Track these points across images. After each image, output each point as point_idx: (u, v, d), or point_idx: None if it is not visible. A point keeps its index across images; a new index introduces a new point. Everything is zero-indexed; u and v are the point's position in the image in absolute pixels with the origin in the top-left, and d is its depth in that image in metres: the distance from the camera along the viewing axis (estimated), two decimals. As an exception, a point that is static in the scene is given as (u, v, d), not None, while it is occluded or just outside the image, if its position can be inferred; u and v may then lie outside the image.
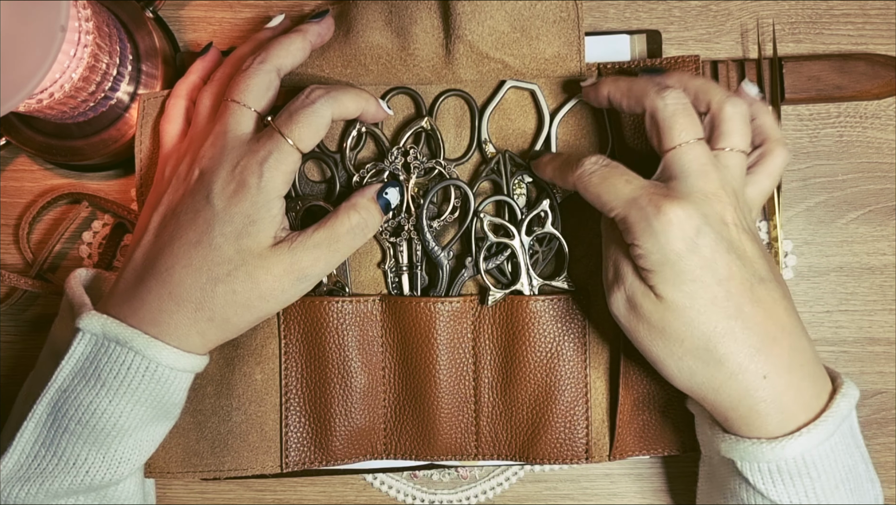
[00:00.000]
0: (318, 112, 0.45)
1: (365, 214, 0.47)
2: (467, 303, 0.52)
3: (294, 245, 0.45)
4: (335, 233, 0.46)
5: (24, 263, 0.56)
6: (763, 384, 0.42)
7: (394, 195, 0.49)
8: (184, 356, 0.45)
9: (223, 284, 0.44)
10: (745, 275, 0.42)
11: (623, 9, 0.56)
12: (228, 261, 0.44)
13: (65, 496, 0.44)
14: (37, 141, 0.53)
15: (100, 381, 0.44)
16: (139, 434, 0.45)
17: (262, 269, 0.44)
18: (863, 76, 0.54)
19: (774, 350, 0.42)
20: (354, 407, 0.52)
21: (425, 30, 0.50)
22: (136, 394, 0.44)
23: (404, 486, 0.57)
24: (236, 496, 0.56)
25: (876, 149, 0.56)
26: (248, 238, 0.44)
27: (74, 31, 0.45)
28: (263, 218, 0.44)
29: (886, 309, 0.56)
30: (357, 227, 0.47)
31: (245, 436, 0.52)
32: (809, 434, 0.42)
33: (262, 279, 0.44)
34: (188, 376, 0.46)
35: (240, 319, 0.45)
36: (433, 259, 0.52)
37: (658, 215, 0.41)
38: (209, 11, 0.56)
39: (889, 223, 0.56)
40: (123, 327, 0.44)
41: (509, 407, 0.52)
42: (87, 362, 0.44)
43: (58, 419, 0.44)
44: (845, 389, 0.44)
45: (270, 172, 0.44)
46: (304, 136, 0.45)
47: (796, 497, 0.43)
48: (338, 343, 0.52)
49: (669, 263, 0.42)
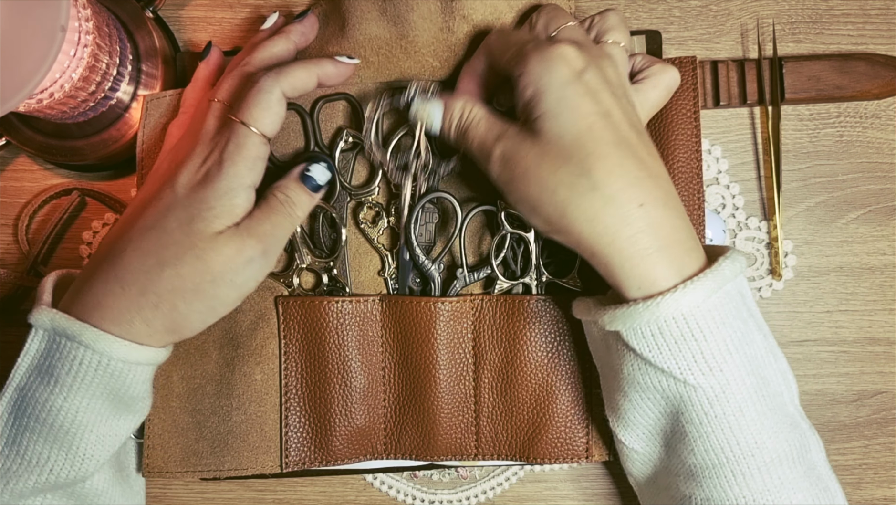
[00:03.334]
0: (266, 89, 0.44)
1: (290, 194, 0.46)
2: (467, 302, 0.52)
3: (241, 226, 0.44)
4: (271, 216, 0.45)
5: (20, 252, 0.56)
6: (639, 213, 0.41)
7: (318, 172, 0.48)
8: (136, 349, 0.44)
9: (170, 266, 0.43)
10: (621, 113, 0.43)
11: (623, 9, 0.56)
12: (177, 243, 0.43)
13: (31, 496, 0.44)
14: (37, 141, 0.53)
15: (53, 377, 0.43)
16: (100, 429, 0.45)
17: (211, 251, 0.43)
18: (863, 76, 0.54)
19: (651, 185, 0.42)
20: (354, 407, 0.52)
21: (423, 15, 0.50)
22: (90, 389, 0.43)
23: (404, 486, 0.57)
24: (236, 496, 0.56)
25: (876, 149, 0.56)
26: (200, 222, 0.43)
27: (74, 31, 0.45)
28: (223, 206, 0.44)
29: (886, 309, 0.56)
30: (285, 206, 0.46)
31: (245, 436, 0.52)
32: (685, 290, 0.40)
33: (212, 261, 0.43)
34: (144, 369, 0.45)
35: (188, 306, 0.44)
36: (423, 272, 0.52)
37: (551, 48, 0.43)
38: (209, 11, 0.57)
39: (889, 223, 0.56)
40: (71, 322, 0.43)
41: (509, 407, 0.52)
42: (41, 359, 0.44)
43: (18, 418, 0.43)
44: (730, 253, 0.43)
45: (231, 159, 0.44)
46: (257, 117, 0.44)
47: (684, 361, 0.41)
48: (338, 343, 0.52)
49: (553, 89, 0.42)
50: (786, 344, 0.56)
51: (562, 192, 0.42)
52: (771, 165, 0.55)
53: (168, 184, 0.45)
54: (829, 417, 0.56)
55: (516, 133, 0.44)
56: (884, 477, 0.56)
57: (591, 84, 0.43)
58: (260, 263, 0.45)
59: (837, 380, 0.56)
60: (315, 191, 0.48)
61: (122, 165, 0.56)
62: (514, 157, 0.43)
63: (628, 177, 0.41)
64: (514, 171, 0.43)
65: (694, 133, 0.51)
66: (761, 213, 0.56)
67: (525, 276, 0.51)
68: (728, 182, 0.56)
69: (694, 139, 0.51)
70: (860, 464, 0.56)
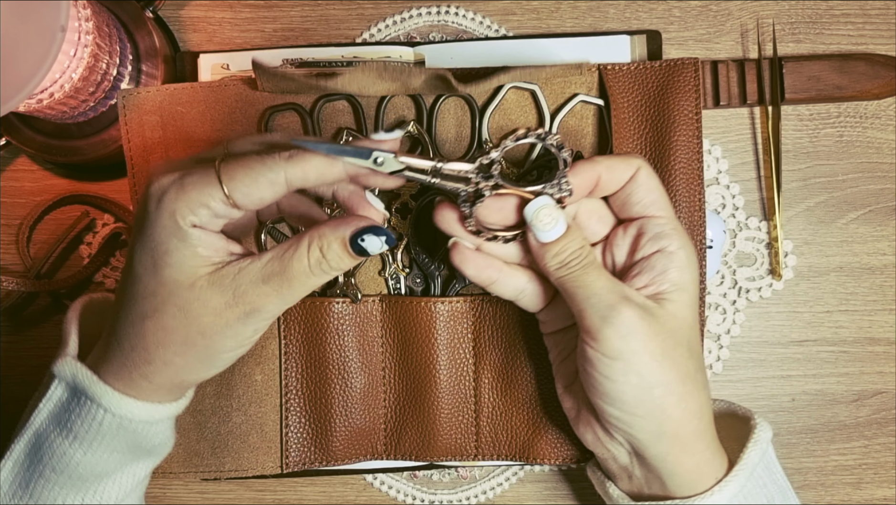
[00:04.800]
0: (267, 164, 0.38)
1: (330, 256, 0.39)
2: (467, 303, 0.52)
3: (240, 275, 0.38)
4: (290, 270, 0.39)
5: (23, 264, 0.56)
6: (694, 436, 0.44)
7: (373, 245, 0.39)
8: (155, 409, 0.42)
9: (150, 319, 0.39)
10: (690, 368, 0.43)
11: (623, 9, 0.56)
12: (153, 294, 0.38)
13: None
14: (37, 141, 0.53)
15: (72, 432, 0.41)
16: (119, 476, 0.44)
17: (196, 301, 0.38)
18: (863, 76, 0.54)
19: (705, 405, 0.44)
20: (354, 407, 0.52)
21: (425, 82, 0.49)
22: (111, 444, 0.42)
23: (404, 486, 0.57)
24: (236, 496, 0.56)
25: (876, 149, 0.56)
26: (168, 268, 0.38)
27: (74, 31, 0.45)
28: (176, 247, 0.38)
29: (886, 309, 0.56)
30: (316, 268, 0.39)
31: (245, 437, 0.52)
32: (721, 492, 0.43)
33: (197, 314, 0.38)
34: (166, 423, 0.44)
35: (184, 360, 0.40)
36: (424, 272, 0.52)
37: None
38: (209, 11, 0.56)
39: (889, 223, 0.56)
40: (92, 383, 0.41)
41: (509, 407, 0.52)
42: (61, 409, 0.42)
43: (34, 463, 0.42)
44: (756, 435, 0.45)
45: (177, 191, 0.37)
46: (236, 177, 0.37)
47: None
48: (338, 343, 0.52)
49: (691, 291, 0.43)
50: (786, 344, 0.56)
51: (657, 391, 0.42)
52: (771, 165, 0.55)
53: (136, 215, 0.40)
54: (829, 417, 0.56)
55: (641, 303, 0.42)
56: (884, 477, 0.56)
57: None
58: (268, 316, 0.40)
59: (837, 380, 0.56)
60: (360, 255, 0.39)
61: (122, 165, 0.56)
62: (635, 331, 0.41)
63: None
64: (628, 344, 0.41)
65: (695, 134, 0.51)
66: (761, 213, 0.56)
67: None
68: (728, 182, 0.56)
69: (695, 140, 0.51)
70: (860, 464, 0.56)
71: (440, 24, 0.56)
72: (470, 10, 0.56)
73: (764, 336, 0.56)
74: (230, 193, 0.37)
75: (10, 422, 0.48)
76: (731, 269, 0.56)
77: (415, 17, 0.56)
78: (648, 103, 0.51)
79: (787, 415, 0.56)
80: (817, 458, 0.56)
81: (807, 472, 0.56)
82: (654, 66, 0.52)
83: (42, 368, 0.47)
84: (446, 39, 0.56)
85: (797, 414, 0.56)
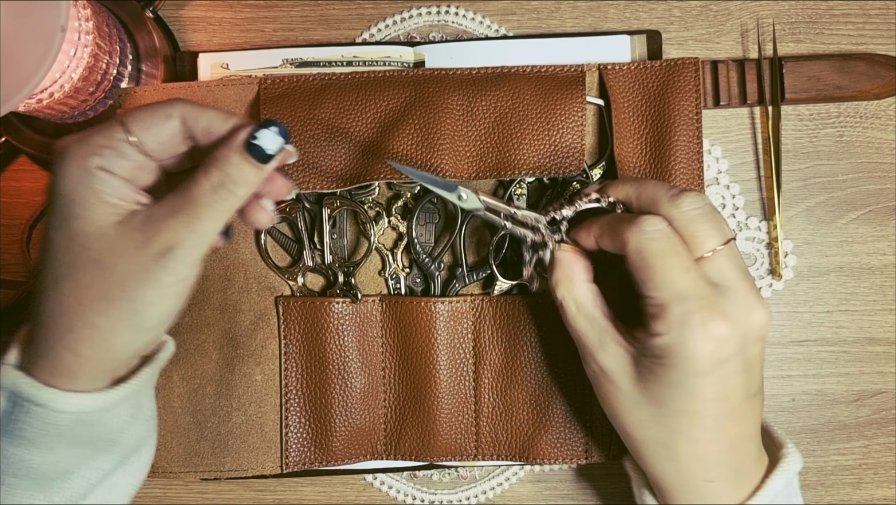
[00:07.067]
0: (168, 102, 0.40)
1: (229, 169, 0.39)
2: (467, 303, 0.52)
3: (148, 217, 0.38)
4: (192, 196, 0.38)
5: (23, 264, 0.56)
6: (706, 487, 0.43)
7: (267, 139, 0.39)
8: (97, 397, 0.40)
9: (65, 281, 0.38)
10: (742, 392, 0.42)
11: (623, 9, 0.56)
12: (66, 251, 0.38)
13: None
14: (37, 141, 0.53)
15: (25, 438, 0.40)
16: (84, 470, 0.42)
17: (107, 251, 0.38)
18: (863, 76, 0.54)
19: (730, 459, 0.43)
20: (354, 407, 0.52)
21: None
22: (68, 439, 0.40)
23: (404, 486, 0.57)
24: (236, 496, 0.56)
25: (876, 149, 0.56)
26: (75, 220, 0.38)
27: (74, 31, 0.45)
28: (85, 194, 0.38)
29: (886, 309, 0.56)
30: (219, 186, 0.38)
31: (245, 436, 0.52)
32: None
33: (111, 263, 0.38)
34: (122, 408, 0.42)
35: (107, 321, 0.38)
36: (424, 271, 0.52)
37: (703, 328, 0.40)
38: (209, 11, 0.56)
39: (889, 223, 0.56)
40: (32, 386, 0.39)
41: (509, 407, 0.52)
42: (6, 419, 0.40)
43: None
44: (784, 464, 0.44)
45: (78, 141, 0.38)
46: (136, 114, 0.39)
47: None
48: (338, 343, 0.52)
49: (685, 369, 0.41)
50: (786, 344, 0.56)
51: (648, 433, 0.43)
52: (771, 165, 0.55)
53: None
54: (829, 417, 0.56)
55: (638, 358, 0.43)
56: (884, 477, 0.56)
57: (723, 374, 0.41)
58: (183, 255, 0.39)
59: (837, 380, 0.56)
60: (264, 162, 0.39)
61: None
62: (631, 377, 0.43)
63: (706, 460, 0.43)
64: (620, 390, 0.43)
65: (695, 134, 0.51)
66: (761, 213, 0.56)
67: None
68: (728, 182, 0.56)
69: (695, 140, 0.51)
70: (860, 464, 0.56)
71: (440, 24, 0.56)
72: (470, 10, 0.56)
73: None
74: (129, 129, 0.39)
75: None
76: (731, 269, 0.56)
77: (415, 17, 0.56)
78: (648, 103, 0.51)
79: (787, 415, 0.56)
80: (817, 458, 0.56)
81: (807, 472, 0.56)
82: (654, 66, 0.52)
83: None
84: (446, 39, 0.56)
85: (797, 414, 0.56)
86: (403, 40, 0.56)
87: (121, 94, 0.51)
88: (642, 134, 0.51)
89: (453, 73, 0.51)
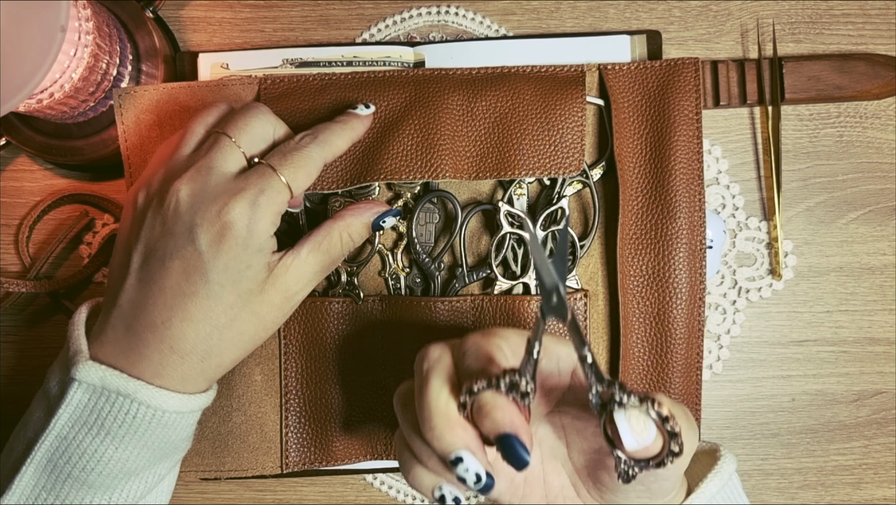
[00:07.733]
0: (311, 156, 0.44)
1: (356, 238, 0.47)
2: (467, 302, 0.52)
3: (290, 272, 0.44)
4: (330, 257, 0.46)
5: (22, 264, 0.56)
6: None
7: (389, 222, 0.48)
8: (190, 400, 0.44)
9: (229, 329, 0.43)
10: None
11: (623, 9, 0.56)
12: (231, 307, 0.43)
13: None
14: (37, 141, 0.53)
15: (104, 429, 0.42)
16: (146, 474, 0.45)
17: (264, 304, 0.44)
18: (863, 76, 0.54)
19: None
20: (354, 407, 0.52)
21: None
22: (143, 439, 0.43)
23: (404, 486, 0.57)
24: (236, 496, 0.56)
25: (876, 149, 0.56)
26: (246, 281, 0.43)
27: (74, 31, 0.45)
28: (258, 262, 0.43)
29: (886, 309, 0.56)
30: (347, 249, 0.47)
31: (245, 436, 0.52)
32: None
33: (264, 313, 0.44)
34: (195, 415, 0.45)
35: (245, 353, 0.45)
36: (424, 271, 0.52)
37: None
38: (209, 11, 0.56)
39: (889, 223, 0.56)
40: (125, 380, 0.42)
41: (509, 407, 0.52)
42: (85, 411, 0.42)
43: (59, 466, 0.43)
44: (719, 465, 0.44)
45: (261, 212, 0.42)
46: (297, 177, 0.44)
47: None
48: (338, 343, 0.52)
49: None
50: (786, 344, 0.56)
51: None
52: (771, 165, 0.55)
53: (184, 235, 0.42)
54: (829, 417, 0.56)
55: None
56: (884, 477, 0.56)
57: None
58: (300, 299, 0.46)
59: (837, 380, 0.56)
60: (375, 231, 0.48)
61: (122, 165, 0.56)
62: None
63: None
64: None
65: (695, 134, 0.51)
66: (761, 213, 0.56)
67: (525, 276, 0.51)
68: (728, 182, 0.56)
69: (695, 140, 0.51)
70: (860, 464, 0.56)
71: (440, 24, 0.56)
72: (470, 10, 0.56)
73: (764, 336, 0.56)
74: (292, 188, 0.44)
75: (10, 421, 0.48)
76: (731, 269, 0.56)
77: (415, 17, 0.56)
78: (648, 103, 0.51)
79: (787, 415, 0.56)
80: (817, 458, 0.56)
81: (807, 472, 0.56)
82: (654, 66, 0.52)
83: (42, 368, 0.47)
84: (446, 39, 0.56)
85: (797, 414, 0.56)
86: (403, 40, 0.56)
87: (121, 94, 0.51)
88: (642, 134, 0.51)
89: (453, 73, 0.52)
